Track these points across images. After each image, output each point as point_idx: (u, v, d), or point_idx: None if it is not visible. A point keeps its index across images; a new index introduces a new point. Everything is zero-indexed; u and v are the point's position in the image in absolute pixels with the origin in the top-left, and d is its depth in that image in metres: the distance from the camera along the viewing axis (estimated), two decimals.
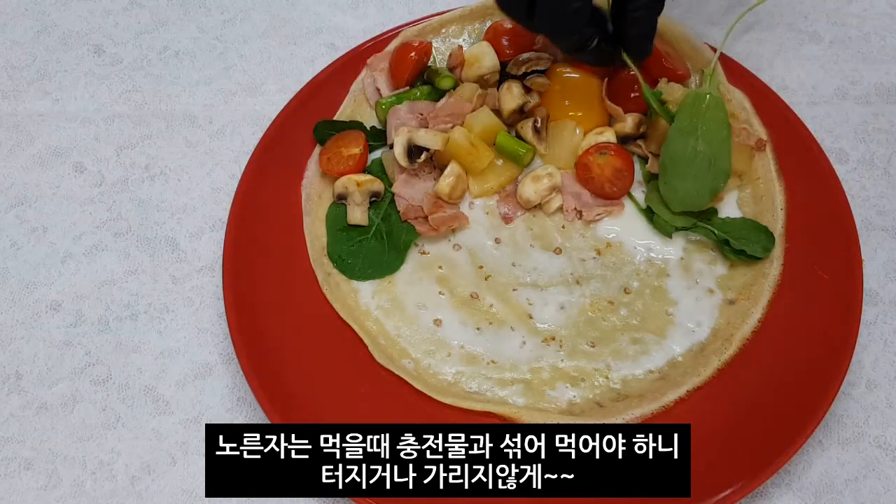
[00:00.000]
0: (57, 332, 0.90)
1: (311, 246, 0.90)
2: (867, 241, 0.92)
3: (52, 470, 0.83)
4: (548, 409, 0.81)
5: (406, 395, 0.82)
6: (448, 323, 0.87)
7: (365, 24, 1.12)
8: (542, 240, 0.91)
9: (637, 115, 0.93)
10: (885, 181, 0.98)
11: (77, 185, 1.00)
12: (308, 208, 0.92)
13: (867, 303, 0.87)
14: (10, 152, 1.02)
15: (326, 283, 0.88)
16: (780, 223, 0.89)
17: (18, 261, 0.95)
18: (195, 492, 0.81)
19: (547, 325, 0.86)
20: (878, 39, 1.10)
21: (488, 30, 0.99)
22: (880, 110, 1.03)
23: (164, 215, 0.98)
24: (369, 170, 0.94)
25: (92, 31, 1.13)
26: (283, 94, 1.04)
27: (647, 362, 0.84)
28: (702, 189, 0.87)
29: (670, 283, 0.88)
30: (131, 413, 0.85)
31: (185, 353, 0.89)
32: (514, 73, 0.94)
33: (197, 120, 1.05)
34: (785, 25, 1.11)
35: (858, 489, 0.80)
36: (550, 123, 0.95)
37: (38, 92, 1.07)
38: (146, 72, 1.09)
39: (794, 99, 0.99)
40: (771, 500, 0.80)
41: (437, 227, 0.89)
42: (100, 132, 1.04)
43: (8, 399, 0.86)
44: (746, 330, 0.83)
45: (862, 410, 0.84)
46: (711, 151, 0.87)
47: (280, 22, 1.13)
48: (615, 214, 0.91)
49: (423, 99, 0.96)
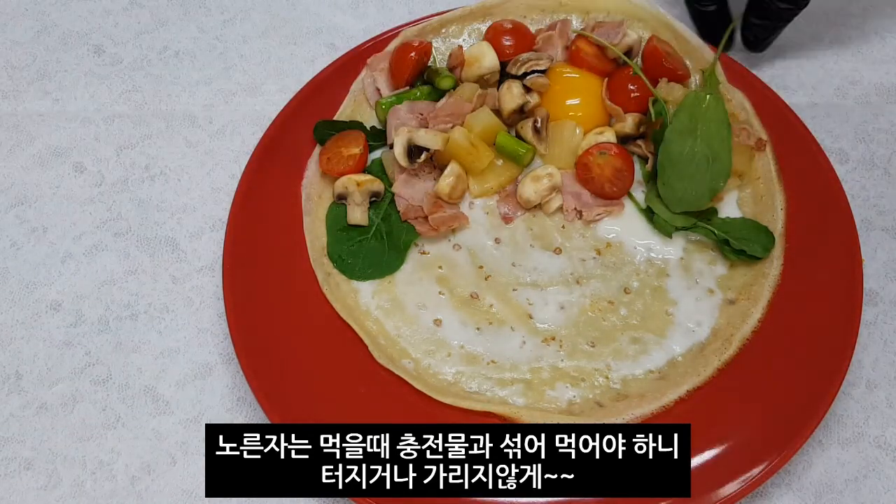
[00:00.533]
0: (57, 332, 0.90)
1: (311, 246, 0.90)
2: (867, 241, 0.92)
3: (52, 470, 0.83)
4: (548, 409, 0.81)
5: (406, 395, 0.82)
6: (448, 323, 0.87)
7: (365, 24, 1.12)
8: (542, 240, 0.91)
9: (637, 115, 0.93)
10: (885, 181, 0.98)
11: (77, 185, 1.00)
12: (308, 208, 0.92)
13: (867, 303, 0.87)
14: (10, 152, 1.02)
15: (326, 283, 0.88)
16: (780, 223, 0.89)
17: (18, 261, 0.95)
18: (195, 492, 0.81)
19: (547, 325, 0.86)
20: (878, 39, 1.10)
21: (488, 30, 0.99)
22: (880, 110, 1.04)
23: (164, 215, 0.98)
24: (369, 170, 0.94)
25: (92, 31, 1.13)
26: (283, 94, 1.04)
27: (647, 362, 0.84)
28: (701, 189, 0.87)
29: (670, 283, 0.88)
30: (131, 413, 0.86)
31: (185, 353, 0.89)
32: (514, 73, 0.94)
33: (197, 120, 1.05)
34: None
35: (858, 489, 0.80)
36: (550, 123, 0.95)
37: (38, 92, 1.07)
38: (146, 72, 1.09)
39: (794, 99, 0.99)
40: (771, 500, 0.80)
41: (437, 227, 0.89)
42: (100, 132, 1.04)
43: (8, 399, 0.86)
44: (746, 330, 0.83)
45: (862, 410, 0.84)
46: (711, 151, 0.87)
47: (280, 22, 1.13)
48: (615, 214, 0.92)
49: (423, 99, 0.96)
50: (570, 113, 0.95)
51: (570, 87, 0.95)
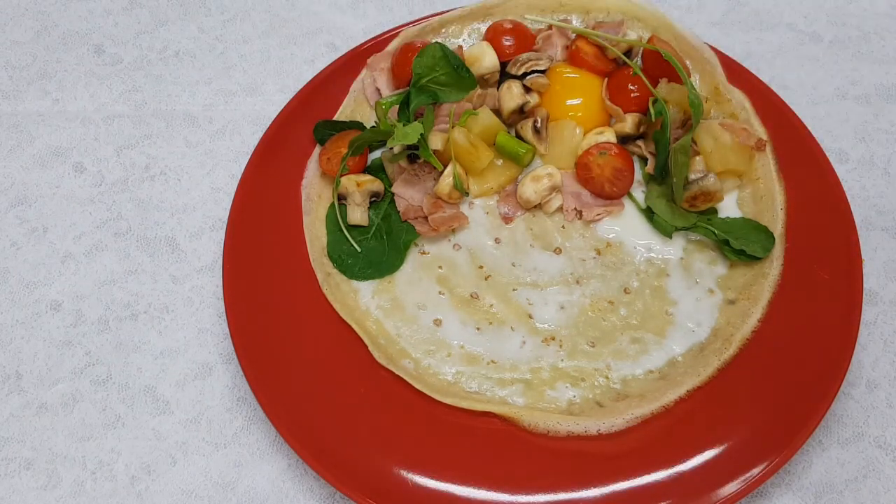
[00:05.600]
0: (57, 332, 0.90)
1: (311, 246, 0.90)
2: (867, 241, 0.92)
3: (52, 470, 0.83)
4: (548, 408, 0.81)
5: (406, 395, 0.82)
6: (448, 323, 0.87)
7: (365, 24, 1.12)
8: (542, 240, 0.91)
9: (637, 115, 0.93)
10: (885, 181, 0.98)
11: (77, 185, 1.00)
12: (308, 208, 0.92)
13: (867, 303, 0.87)
14: (10, 152, 1.02)
15: (326, 283, 0.88)
16: (780, 223, 0.89)
17: (18, 261, 0.95)
18: (195, 492, 0.81)
19: (547, 325, 0.86)
20: (878, 39, 1.10)
21: (488, 30, 0.99)
22: (880, 110, 1.03)
23: (164, 215, 0.98)
24: (369, 170, 0.94)
25: (92, 31, 1.13)
26: (283, 94, 1.04)
27: (647, 362, 0.84)
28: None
29: (670, 282, 0.88)
30: (131, 413, 0.86)
31: (185, 353, 0.89)
32: (514, 73, 0.94)
33: (197, 120, 1.05)
34: (785, 25, 1.11)
35: (858, 489, 0.80)
36: (550, 123, 0.95)
37: (38, 92, 1.07)
38: (146, 72, 1.09)
39: (794, 99, 0.99)
40: (771, 500, 0.80)
41: (437, 227, 0.89)
42: (100, 132, 1.04)
43: (8, 399, 0.86)
44: (746, 330, 0.83)
45: (862, 410, 0.84)
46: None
47: (280, 22, 1.13)
48: (615, 214, 0.92)
49: None
50: (570, 113, 0.95)
51: (570, 87, 0.95)
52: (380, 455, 0.78)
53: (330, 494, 0.81)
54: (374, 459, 0.78)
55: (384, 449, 0.78)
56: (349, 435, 0.79)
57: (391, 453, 0.78)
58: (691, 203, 0.88)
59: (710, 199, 0.88)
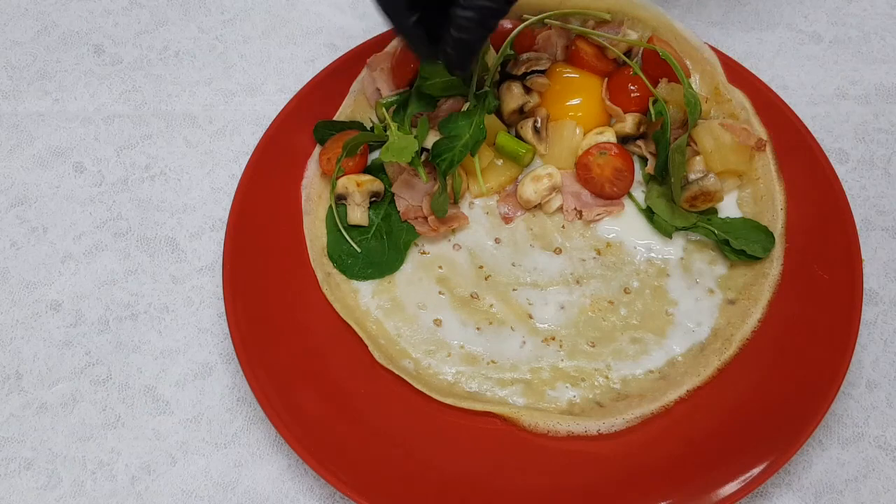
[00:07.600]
0: (57, 332, 0.90)
1: (310, 246, 0.90)
2: (867, 241, 0.92)
3: (52, 470, 0.83)
4: (548, 408, 0.82)
5: (406, 396, 0.82)
6: (448, 323, 0.87)
7: (365, 24, 1.12)
8: (542, 240, 0.91)
9: (637, 114, 0.93)
10: (885, 181, 0.98)
11: (77, 185, 1.00)
12: (308, 208, 0.92)
13: (867, 303, 0.87)
14: (10, 152, 1.02)
15: (326, 283, 0.88)
16: (780, 223, 0.89)
17: (18, 261, 0.95)
18: (195, 492, 0.81)
19: (547, 325, 0.86)
20: (878, 39, 1.10)
21: None
22: (880, 110, 1.03)
23: (164, 215, 0.98)
24: (369, 170, 0.94)
25: (92, 31, 1.13)
26: (283, 94, 1.04)
27: (647, 362, 0.84)
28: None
29: (670, 282, 0.88)
30: (131, 413, 0.86)
31: (185, 353, 0.89)
32: (514, 73, 0.94)
33: (197, 120, 1.05)
34: (785, 25, 1.11)
35: (858, 489, 0.80)
36: (550, 123, 0.95)
37: (38, 92, 1.07)
38: (146, 72, 1.09)
39: (794, 99, 0.99)
40: (771, 500, 0.80)
41: (437, 227, 0.89)
42: (100, 132, 1.04)
43: (8, 399, 0.86)
44: (746, 330, 0.83)
45: (862, 410, 0.84)
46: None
47: (280, 22, 1.13)
48: (615, 214, 0.92)
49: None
50: (570, 113, 0.95)
51: (570, 87, 0.95)
52: (380, 455, 0.78)
53: (330, 494, 0.81)
54: (374, 459, 0.78)
55: (384, 449, 0.79)
56: (349, 435, 0.79)
57: (391, 453, 0.78)
58: (691, 203, 0.88)
59: (710, 199, 0.88)
